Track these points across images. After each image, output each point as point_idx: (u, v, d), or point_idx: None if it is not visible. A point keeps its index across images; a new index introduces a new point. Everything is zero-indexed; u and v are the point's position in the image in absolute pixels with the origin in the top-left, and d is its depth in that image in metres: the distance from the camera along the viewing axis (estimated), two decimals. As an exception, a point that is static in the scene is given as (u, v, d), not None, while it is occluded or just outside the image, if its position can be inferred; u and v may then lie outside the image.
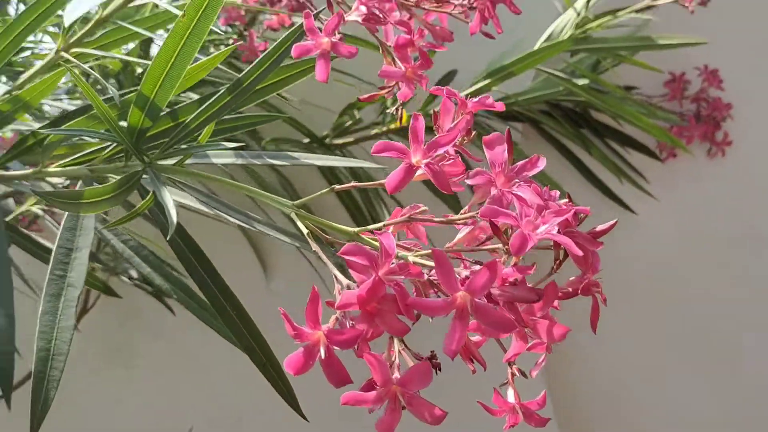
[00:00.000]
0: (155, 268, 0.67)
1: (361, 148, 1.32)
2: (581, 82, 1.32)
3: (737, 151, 1.63)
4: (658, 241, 1.64)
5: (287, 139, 1.21)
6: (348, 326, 0.45)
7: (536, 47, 1.25)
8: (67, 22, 0.59)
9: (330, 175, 1.20)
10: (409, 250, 0.54)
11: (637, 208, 1.59)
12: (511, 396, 0.52)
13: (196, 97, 0.76)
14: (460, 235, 0.55)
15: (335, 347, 0.42)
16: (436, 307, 0.44)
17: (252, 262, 1.40)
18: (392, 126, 1.24)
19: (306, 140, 1.23)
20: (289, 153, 0.64)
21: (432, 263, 0.48)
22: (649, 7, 1.25)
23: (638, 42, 1.26)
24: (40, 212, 0.95)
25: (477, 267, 0.53)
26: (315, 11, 0.59)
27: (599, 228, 0.51)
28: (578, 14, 1.24)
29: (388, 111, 0.74)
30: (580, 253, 0.44)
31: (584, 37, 1.25)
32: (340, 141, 1.27)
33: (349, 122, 1.23)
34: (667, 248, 1.64)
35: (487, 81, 1.25)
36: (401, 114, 0.69)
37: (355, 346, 0.44)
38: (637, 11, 1.24)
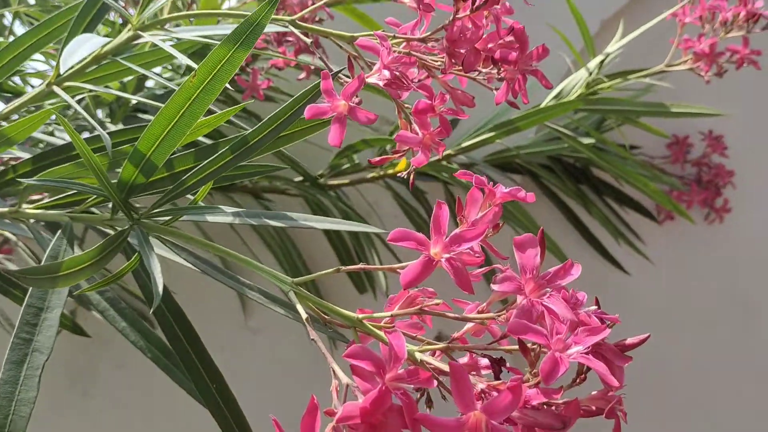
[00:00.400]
0: (132, 323, 0.62)
1: (356, 190, 1.27)
2: (586, 140, 1.29)
3: (736, 219, 1.61)
4: (648, 302, 1.61)
5: (280, 177, 1.16)
6: (347, 438, 0.40)
7: (544, 104, 1.21)
8: (63, 68, 0.54)
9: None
10: (413, 336, 0.50)
11: (630, 268, 1.56)
12: None
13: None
14: (468, 325, 0.51)
15: (333, 470, 0.37)
16: (447, 426, 0.39)
17: (231, 296, 1.35)
18: (390, 171, 1.19)
19: (299, 178, 1.19)
20: (289, 213, 0.60)
21: (444, 366, 0.44)
22: (662, 72, 1.22)
23: (651, 107, 1.23)
24: (11, 236, 0.89)
25: (485, 361, 0.49)
26: (333, 71, 0.55)
27: (629, 341, 0.46)
28: (590, 74, 1.21)
29: (399, 175, 0.70)
30: (615, 383, 0.39)
31: (594, 97, 1.22)
32: (335, 182, 1.22)
33: (347, 165, 1.19)
34: (656, 311, 1.61)
35: (491, 134, 1.22)
36: (413, 180, 0.64)
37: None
38: (649, 75, 1.21)
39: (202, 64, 0.46)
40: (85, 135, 0.71)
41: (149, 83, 0.95)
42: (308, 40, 0.60)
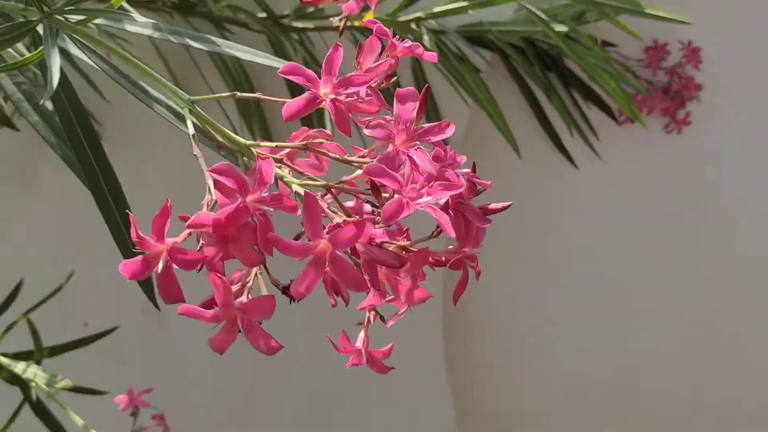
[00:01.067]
0: (45, 119, 0.63)
1: (319, 37, 1.26)
2: (559, 28, 1.28)
3: (694, 134, 1.63)
4: (592, 202, 1.65)
5: (244, 10, 1.15)
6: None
7: (523, -19, 1.19)
8: None
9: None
10: (302, 173, 0.52)
11: (581, 165, 1.59)
12: (360, 339, 0.52)
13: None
14: (360, 171, 0.53)
15: (175, 266, 0.41)
16: (294, 248, 0.42)
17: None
18: (356, 23, 1.18)
19: (262, 14, 1.17)
20: (212, 38, 0.60)
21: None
22: (648, -31, 1.20)
23: (625, 4, 1.21)
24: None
25: (367, 206, 0.52)
26: None
27: (492, 206, 0.49)
28: (575, -42, 1.18)
29: (332, 19, 0.69)
30: (453, 235, 0.42)
31: (573, -17, 1.20)
32: (299, 24, 1.21)
33: (312, 9, 1.17)
34: (598, 213, 1.66)
35: (465, 3, 1.20)
36: (343, 28, 0.65)
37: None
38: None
39: None
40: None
41: None
42: None
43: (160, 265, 0.40)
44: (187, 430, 0.96)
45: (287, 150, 0.52)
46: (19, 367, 1.00)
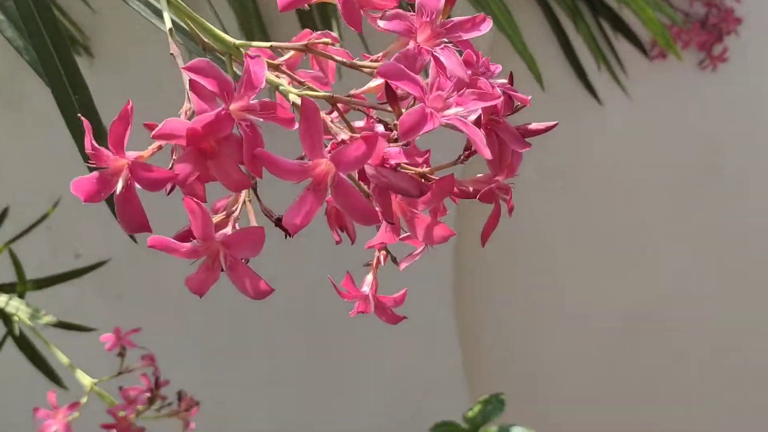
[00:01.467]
0: (12, 19, 0.54)
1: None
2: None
3: (729, 71, 1.51)
4: (615, 139, 1.55)
5: None
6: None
7: None
8: None
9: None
10: (303, 83, 0.43)
11: (607, 101, 1.49)
12: (367, 283, 0.44)
13: None
14: (372, 83, 0.44)
15: (138, 185, 0.32)
16: (288, 168, 0.33)
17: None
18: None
19: None
20: None
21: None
22: None
23: None
24: None
25: (380, 127, 0.43)
26: None
27: (533, 126, 0.40)
28: None
29: None
30: (489, 156, 0.33)
31: None
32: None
33: None
34: (622, 150, 1.56)
35: None
36: None
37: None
38: None
39: None
40: None
41: None
42: None
43: (119, 185, 0.32)
44: (180, 367, 0.90)
45: (287, 56, 0.43)
46: (0, 300, 0.93)
